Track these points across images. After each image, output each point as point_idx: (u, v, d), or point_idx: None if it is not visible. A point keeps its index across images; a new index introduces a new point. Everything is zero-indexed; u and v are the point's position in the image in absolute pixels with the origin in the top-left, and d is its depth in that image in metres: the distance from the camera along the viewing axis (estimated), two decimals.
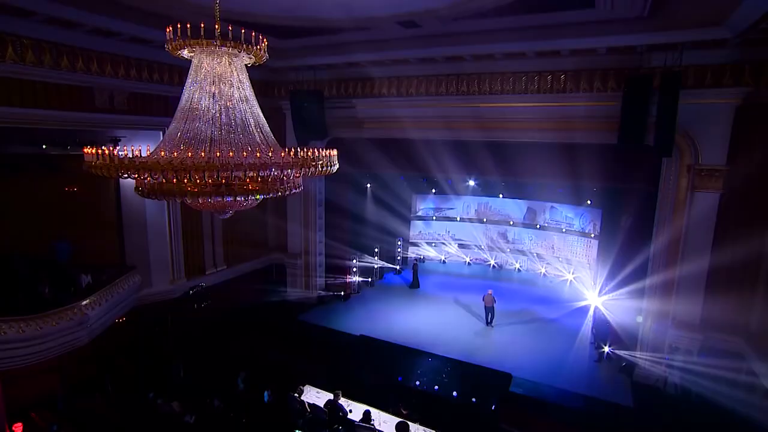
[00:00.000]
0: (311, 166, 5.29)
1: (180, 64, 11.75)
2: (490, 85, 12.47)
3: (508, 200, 20.28)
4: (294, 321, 14.85)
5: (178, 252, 12.94)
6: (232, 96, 5.57)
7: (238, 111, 5.54)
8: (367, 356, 12.75)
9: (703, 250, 10.67)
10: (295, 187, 6.08)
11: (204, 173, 4.54)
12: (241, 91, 5.69)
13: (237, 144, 5.34)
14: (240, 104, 5.63)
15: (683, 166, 10.71)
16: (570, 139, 12.08)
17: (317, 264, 16.27)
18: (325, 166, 5.94)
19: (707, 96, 10.12)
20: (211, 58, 5.44)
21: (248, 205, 5.90)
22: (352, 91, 14.35)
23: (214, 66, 5.48)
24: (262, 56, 5.80)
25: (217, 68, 5.48)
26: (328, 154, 6.13)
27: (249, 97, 5.75)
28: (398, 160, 15.72)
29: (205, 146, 5.06)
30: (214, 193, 5.08)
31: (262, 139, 5.67)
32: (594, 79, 11.30)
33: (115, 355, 11.29)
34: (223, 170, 4.68)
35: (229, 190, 5.03)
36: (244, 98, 5.71)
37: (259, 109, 5.90)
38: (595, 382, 11.82)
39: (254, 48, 5.58)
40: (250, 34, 5.65)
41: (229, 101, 5.60)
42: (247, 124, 5.59)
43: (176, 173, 4.62)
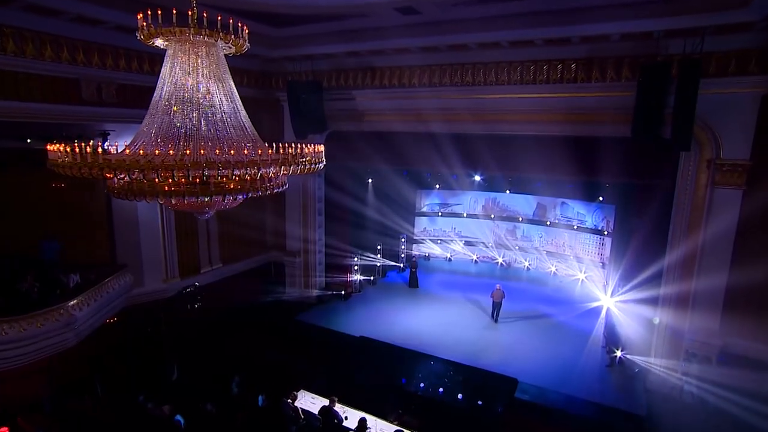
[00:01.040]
0: (296, 164, 5.00)
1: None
2: (496, 75, 12.06)
3: (516, 196, 19.85)
4: (292, 321, 14.70)
5: (171, 250, 12.82)
6: (210, 88, 5.30)
7: (217, 104, 5.27)
8: (366, 359, 12.55)
9: (724, 249, 10.25)
10: (280, 186, 5.82)
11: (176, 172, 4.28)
12: (221, 83, 5.41)
13: (215, 140, 5.08)
14: (219, 97, 5.36)
15: (703, 160, 10.26)
16: (581, 132, 11.66)
17: (317, 262, 16.08)
18: (312, 164, 5.67)
19: (730, 85, 9.64)
20: (186, 47, 5.17)
21: (229, 205, 5.66)
22: (352, 82, 14.03)
23: (190, 56, 5.20)
24: (242, 45, 5.53)
25: (193, 58, 5.20)
26: (315, 151, 5.86)
27: (229, 90, 5.48)
28: (401, 155, 15.36)
29: (179, 143, 4.80)
30: (191, 192, 4.83)
31: (243, 134, 5.40)
32: (607, 68, 10.84)
33: (106, 357, 11.21)
34: (197, 169, 4.42)
35: (206, 189, 4.77)
36: (224, 91, 5.44)
37: (240, 103, 5.63)
38: (606, 388, 11.50)
39: (233, 37, 5.28)
40: (228, 21, 5.36)
41: (207, 94, 5.33)
42: (227, 119, 5.32)
43: (147, 172, 4.38)
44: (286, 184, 5.88)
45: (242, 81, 14.58)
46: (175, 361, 11.72)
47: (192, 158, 4.40)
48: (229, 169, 4.46)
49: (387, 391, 11.04)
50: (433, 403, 10.67)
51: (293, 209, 15.84)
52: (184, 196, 4.72)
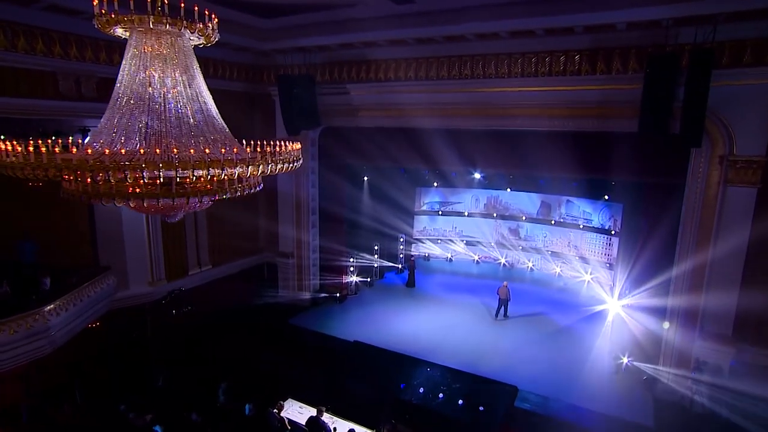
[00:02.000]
0: (266, 163, 4.69)
1: None
2: (496, 68, 11.71)
3: (520, 194, 19.47)
4: (284, 325, 14.44)
5: (157, 251, 12.57)
6: (177, 82, 4.99)
7: (183, 99, 4.96)
8: (360, 365, 12.30)
9: (737, 252, 9.89)
10: (253, 186, 5.52)
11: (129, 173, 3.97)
12: (188, 76, 5.10)
13: (179, 138, 4.77)
14: (186, 91, 5.05)
15: (714, 157, 9.87)
16: (585, 127, 11.30)
17: (311, 263, 15.81)
18: (288, 163, 5.36)
19: (745, 76, 9.26)
20: (149, 37, 4.86)
21: (198, 207, 5.36)
22: (347, 75, 13.72)
23: (153, 46, 4.89)
24: (211, 36, 5.20)
25: (157, 49, 4.90)
26: (292, 149, 5.55)
27: (197, 83, 5.16)
28: (398, 151, 15.08)
29: (139, 140, 4.50)
30: (152, 195, 4.53)
31: (212, 131, 5.09)
32: (613, 59, 10.46)
33: (87, 363, 10.98)
34: (153, 169, 4.12)
35: (168, 191, 4.46)
36: (191, 84, 5.13)
37: (209, 98, 5.31)
38: (612, 397, 11.19)
39: (200, 26, 4.96)
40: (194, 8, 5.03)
41: (173, 88, 5.03)
42: (194, 115, 5.01)
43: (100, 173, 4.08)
44: (260, 184, 5.55)
45: (232, 75, 14.31)
46: (161, 367, 11.48)
47: (147, 158, 4.10)
48: (189, 170, 4.15)
49: (380, 399, 10.76)
50: (429, 412, 10.38)
51: (286, 208, 15.57)
52: (144, 199, 4.42)
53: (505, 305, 15.20)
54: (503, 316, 15.28)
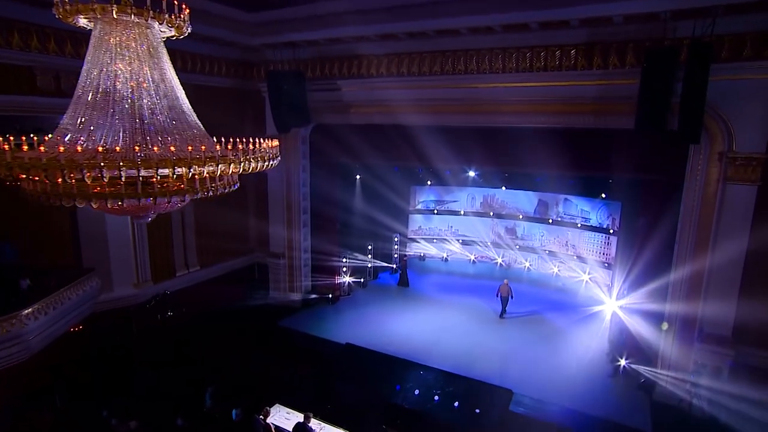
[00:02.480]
0: (238, 162, 4.48)
1: None
2: (490, 63, 11.50)
3: (517, 192, 19.27)
4: (274, 327, 14.23)
5: (143, 252, 12.34)
6: (145, 76, 4.77)
7: (152, 95, 4.74)
8: (351, 368, 12.12)
9: (737, 251, 9.71)
10: (228, 186, 5.30)
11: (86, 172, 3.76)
12: (158, 70, 4.88)
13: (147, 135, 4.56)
14: (155, 86, 4.83)
15: (714, 153, 9.69)
16: (582, 123, 11.09)
17: (302, 264, 15.60)
18: (264, 161, 5.15)
19: (744, 70, 9.08)
20: (114, 28, 4.64)
21: (170, 207, 5.14)
22: (338, 71, 13.50)
23: (120, 38, 4.67)
24: (182, 27, 4.98)
25: (123, 41, 4.67)
26: (268, 146, 5.33)
27: (168, 78, 4.94)
28: (391, 149, 14.86)
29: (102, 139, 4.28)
30: (114, 195, 4.31)
31: (183, 128, 4.87)
32: (609, 54, 10.27)
33: (68, 367, 10.76)
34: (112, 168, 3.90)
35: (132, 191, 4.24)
36: (161, 79, 4.91)
37: (181, 93, 5.09)
38: (609, 400, 11.04)
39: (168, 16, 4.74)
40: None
41: (143, 82, 4.80)
42: (164, 111, 4.79)
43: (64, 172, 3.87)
44: (236, 183, 5.34)
45: (220, 71, 14.08)
46: (146, 371, 11.28)
47: (108, 156, 3.88)
48: (153, 168, 3.93)
49: (371, 403, 10.57)
50: (421, 417, 10.18)
51: (276, 207, 15.35)
52: (107, 200, 4.20)
53: (505, 303, 15.32)
54: (501, 314, 15.36)
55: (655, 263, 12.14)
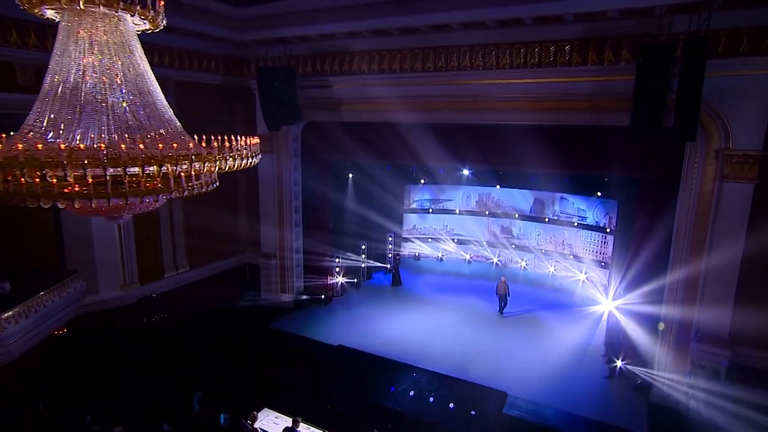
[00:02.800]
0: (213, 161, 4.31)
1: None
2: (483, 59, 11.35)
3: (512, 191, 19.15)
4: (266, 329, 14.06)
5: (129, 253, 12.15)
6: (117, 70, 4.60)
7: (124, 91, 4.57)
8: (343, 370, 11.97)
9: (733, 250, 9.59)
10: (206, 185, 5.14)
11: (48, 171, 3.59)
12: (130, 64, 4.71)
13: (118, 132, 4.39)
14: (129, 81, 4.66)
15: (710, 151, 9.56)
16: (577, 120, 10.96)
17: (294, 264, 15.43)
18: (243, 159, 4.99)
19: (742, 66, 8.95)
20: (83, 19, 4.46)
21: (147, 207, 4.98)
22: (329, 68, 13.33)
23: (89, 30, 4.49)
24: (156, 20, 4.81)
25: (93, 33, 4.50)
26: (248, 144, 5.17)
27: (141, 73, 4.77)
28: (384, 147, 14.72)
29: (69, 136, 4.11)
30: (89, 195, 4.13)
31: (158, 125, 4.70)
32: (604, 50, 10.13)
33: (52, 370, 10.56)
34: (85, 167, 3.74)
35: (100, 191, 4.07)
36: (136, 74, 4.73)
37: (157, 89, 4.92)
38: (605, 402, 10.97)
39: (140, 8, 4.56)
40: None
41: (115, 77, 4.63)
42: (137, 108, 4.62)
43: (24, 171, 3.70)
44: (215, 182, 5.17)
45: (210, 67, 13.89)
46: (133, 374, 11.09)
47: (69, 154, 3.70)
48: (120, 167, 3.77)
49: (363, 406, 10.45)
50: (412, 420, 10.06)
51: (267, 207, 15.16)
52: (74, 200, 4.03)
53: (504, 301, 15.35)
54: (499, 312, 15.41)
55: (652, 263, 12.02)
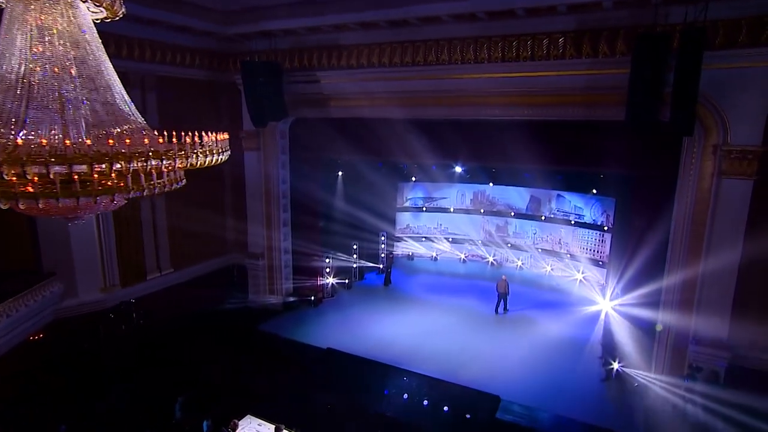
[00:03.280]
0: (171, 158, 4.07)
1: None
2: (475, 53, 11.11)
3: (508, 188, 18.96)
4: (253, 332, 13.82)
5: (110, 254, 11.88)
6: (71, 61, 4.34)
7: (78, 82, 4.32)
8: (331, 374, 11.74)
9: (732, 248, 9.39)
10: (173, 182, 4.89)
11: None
12: (86, 54, 4.45)
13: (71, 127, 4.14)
14: (83, 73, 4.41)
15: (708, 146, 9.36)
16: (570, 115, 10.77)
17: (282, 265, 15.18)
18: (210, 155, 4.74)
19: (740, 58, 8.73)
20: (32, 4, 4.20)
21: (106, 207, 4.73)
22: (317, 62, 13.06)
23: (38, 17, 4.24)
24: (114, 7, 4.56)
25: (43, 20, 4.24)
26: (216, 140, 4.92)
27: (98, 64, 4.52)
28: (374, 144, 14.47)
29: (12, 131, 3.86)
30: (35, 195, 3.89)
31: (117, 120, 4.45)
32: (599, 42, 9.91)
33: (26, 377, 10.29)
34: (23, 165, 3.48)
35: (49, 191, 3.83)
36: (91, 65, 4.48)
37: (115, 80, 4.66)
38: (601, 406, 10.78)
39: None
40: None
41: (70, 68, 4.38)
42: (92, 101, 4.37)
43: None
44: (181, 180, 4.92)
45: (194, 62, 13.61)
46: (113, 381, 10.83)
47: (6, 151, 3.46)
48: (66, 165, 3.52)
49: (351, 411, 10.24)
50: (401, 426, 9.84)
51: (254, 206, 14.90)
52: (18, 200, 3.78)
53: (504, 299, 15.25)
54: (503, 310, 15.28)
55: (649, 262, 11.80)
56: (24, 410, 9.60)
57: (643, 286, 11.94)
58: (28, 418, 9.47)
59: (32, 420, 9.48)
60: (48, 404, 9.95)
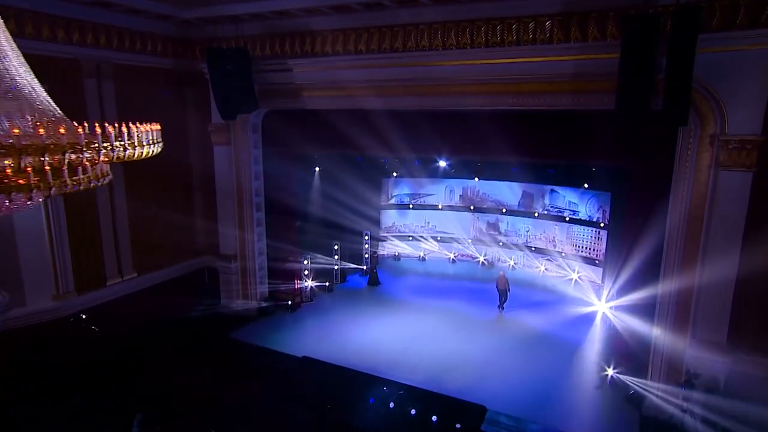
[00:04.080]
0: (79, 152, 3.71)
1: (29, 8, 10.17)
2: (456, 38, 10.82)
3: (499, 183, 18.73)
4: (224, 340, 13.45)
5: (63, 259, 11.43)
6: None
7: None
8: (307, 385, 11.43)
9: (731, 244, 9.17)
10: (98, 179, 4.54)
11: None
12: None
13: None
14: None
15: (704, 136, 9.12)
16: (559, 104, 10.46)
17: (257, 267, 14.82)
18: (139, 147, 4.39)
19: (739, 41, 8.46)
20: None
21: (20, 208, 4.37)
22: (289, 49, 12.70)
23: None
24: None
25: None
26: (147, 130, 4.57)
27: None
28: (355, 138, 14.03)
29: None
30: None
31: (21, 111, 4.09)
32: (588, 25, 9.65)
33: None
34: None
35: None
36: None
37: (20, 66, 4.28)
38: (594, 416, 10.61)
39: None
40: None
41: None
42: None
43: None
44: (106, 175, 4.57)
45: (155, 49, 13.18)
46: (66, 397, 10.43)
47: None
48: None
49: (325, 426, 9.95)
50: None
51: (226, 204, 14.49)
52: None
53: (504, 296, 15.46)
54: (500, 308, 15.50)
55: (647, 260, 11.60)
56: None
57: (640, 286, 11.75)
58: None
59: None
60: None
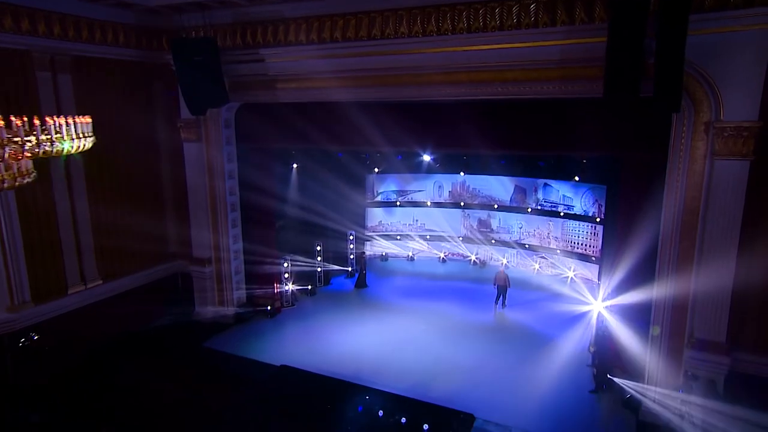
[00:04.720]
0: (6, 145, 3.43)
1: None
2: (437, 24, 10.56)
3: (490, 178, 18.60)
4: (197, 349, 13.16)
5: (18, 267, 11.03)
6: None
7: None
8: (285, 396, 11.20)
9: (728, 237, 9.02)
10: (23, 176, 4.25)
11: None
12: None
13: None
14: None
15: (699, 124, 8.95)
16: (544, 93, 10.27)
17: (233, 271, 14.55)
18: (59, 143, 4.10)
19: (733, 21, 8.27)
20: None
21: None
22: (261, 38, 12.40)
23: None
24: None
25: None
26: (78, 122, 4.29)
27: None
28: (335, 132, 13.81)
29: None
30: None
31: None
32: (575, 7, 9.41)
33: None
34: None
35: None
36: None
37: None
38: (589, 422, 10.42)
39: None
40: None
41: None
42: None
43: None
44: (30, 173, 4.28)
45: (117, 39, 12.83)
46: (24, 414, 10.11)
47: None
48: None
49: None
50: None
51: (198, 204, 14.17)
52: None
53: (504, 293, 15.43)
54: (501, 306, 15.44)
55: (643, 257, 11.44)
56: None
57: (636, 284, 11.61)
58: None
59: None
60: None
